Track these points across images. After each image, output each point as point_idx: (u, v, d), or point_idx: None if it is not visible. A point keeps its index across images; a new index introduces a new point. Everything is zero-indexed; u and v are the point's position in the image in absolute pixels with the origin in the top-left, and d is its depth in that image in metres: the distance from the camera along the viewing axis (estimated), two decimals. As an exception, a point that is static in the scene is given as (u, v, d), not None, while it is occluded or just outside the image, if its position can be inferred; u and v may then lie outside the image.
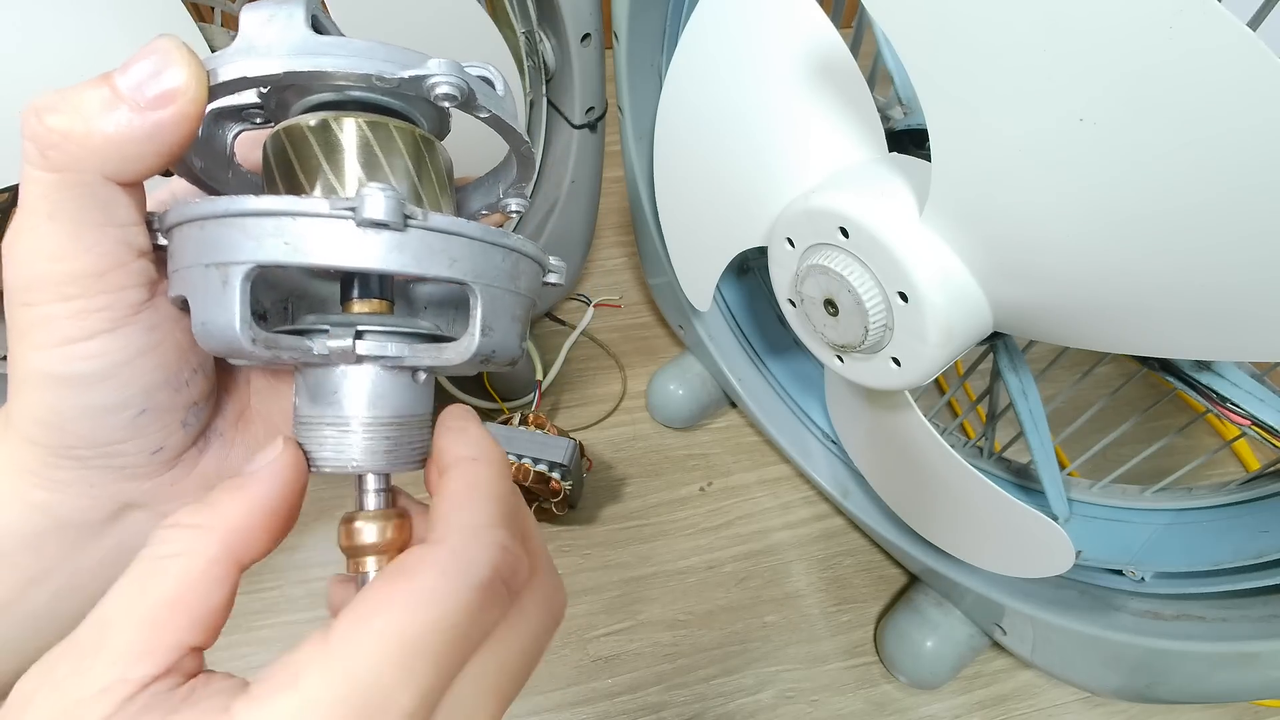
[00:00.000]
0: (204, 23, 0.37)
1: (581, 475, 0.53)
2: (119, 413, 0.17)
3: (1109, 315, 0.26)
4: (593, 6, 0.44)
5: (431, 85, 0.17)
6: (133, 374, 0.17)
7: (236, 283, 0.16)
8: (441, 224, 0.16)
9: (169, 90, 0.15)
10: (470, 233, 0.17)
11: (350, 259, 0.16)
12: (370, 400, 0.18)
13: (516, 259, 0.18)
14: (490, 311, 0.17)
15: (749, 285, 0.59)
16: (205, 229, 0.16)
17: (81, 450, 0.17)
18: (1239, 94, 0.19)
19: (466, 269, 0.17)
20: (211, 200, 0.16)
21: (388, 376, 0.18)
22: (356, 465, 0.18)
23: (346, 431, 0.18)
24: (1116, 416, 0.42)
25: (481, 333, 0.17)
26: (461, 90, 0.17)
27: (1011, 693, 0.52)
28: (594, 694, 0.51)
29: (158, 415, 0.18)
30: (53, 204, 0.15)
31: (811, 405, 0.59)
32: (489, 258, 0.17)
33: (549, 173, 0.54)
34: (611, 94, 0.48)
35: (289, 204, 0.15)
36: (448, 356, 0.18)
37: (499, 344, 0.18)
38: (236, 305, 0.16)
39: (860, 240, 0.30)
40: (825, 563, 0.58)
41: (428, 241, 0.16)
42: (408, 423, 0.18)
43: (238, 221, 0.16)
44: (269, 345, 0.16)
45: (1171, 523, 0.41)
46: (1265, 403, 0.32)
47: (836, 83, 0.32)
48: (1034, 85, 0.22)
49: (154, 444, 0.18)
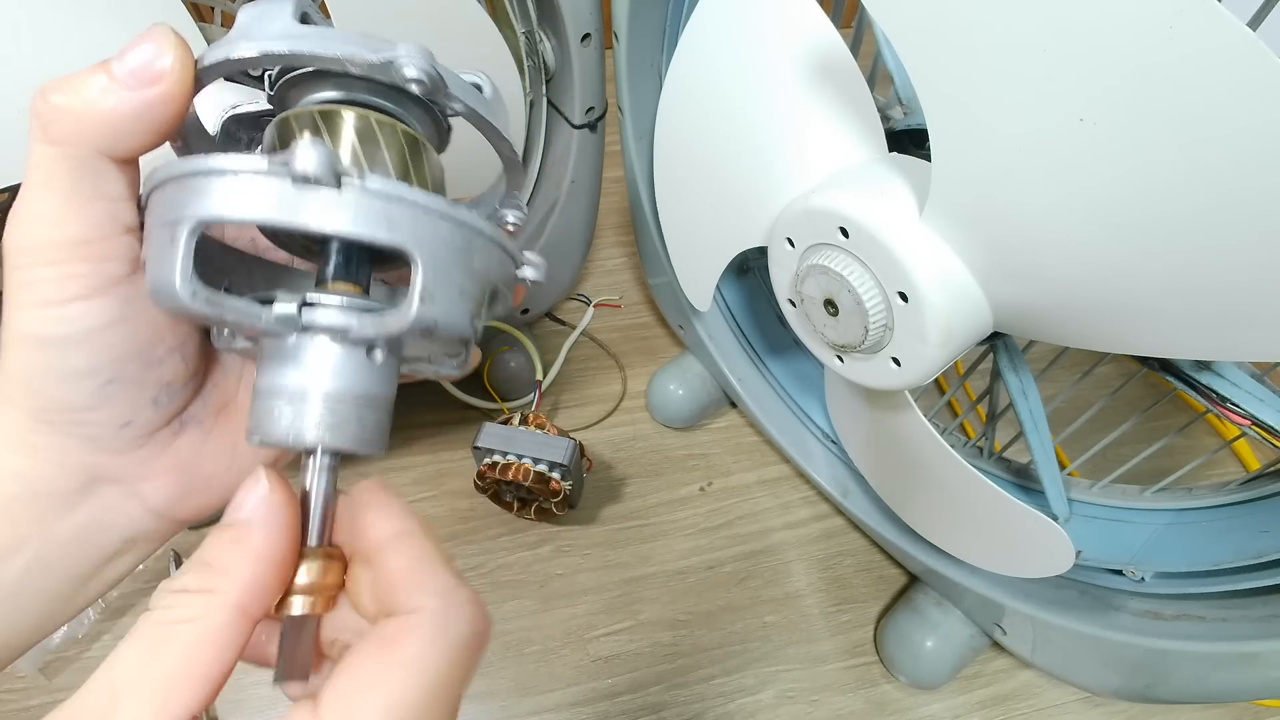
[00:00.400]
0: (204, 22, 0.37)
1: (581, 475, 0.53)
2: (88, 379, 0.18)
3: (1109, 315, 0.26)
4: (593, 6, 0.44)
5: (400, 67, 0.17)
6: (104, 342, 0.18)
7: (182, 238, 0.16)
8: (379, 186, 0.16)
9: (157, 71, 0.17)
10: (412, 198, 0.17)
11: (285, 216, 0.16)
12: (324, 373, 0.17)
13: (469, 235, 0.18)
14: (432, 280, 0.17)
15: (749, 285, 0.59)
16: (165, 191, 0.17)
17: (54, 414, 0.18)
18: (1239, 94, 0.19)
19: (407, 235, 0.16)
20: (170, 162, 0.17)
21: (341, 351, 0.18)
22: (303, 439, 0.17)
23: (298, 404, 0.17)
24: (1116, 416, 0.42)
25: (420, 300, 0.17)
26: (429, 75, 0.17)
27: (1011, 693, 0.52)
28: (594, 694, 0.51)
29: (126, 387, 0.18)
30: (49, 174, 0.17)
31: (811, 405, 0.59)
32: (434, 227, 0.17)
33: (549, 173, 0.54)
34: (611, 94, 0.48)
35: (230, 162, 0.16)
36: (387, 325, 0.17)
37: (441, 316, 0.17)
38: (179, 259, 0.16)
39: (860, 240, 0.30)
40: (825, 563, 0.58)
41: (365, 203, 0.16)
42: (362, 401, 0.18)
43: (188, 181, 0.16)
44: (211, 303, 0.16)
45: (1171, 523, 0.41)
46: (1265, 403, 0.32)
47: (836, 83, 0.32)
48: (1034, 85, 0.22)
49: (122, 417, 0.19)
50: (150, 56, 0.17)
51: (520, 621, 0.54)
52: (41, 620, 0.20)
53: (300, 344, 0.18)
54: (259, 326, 0.17)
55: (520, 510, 0.54)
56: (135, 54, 0.17)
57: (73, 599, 0.20)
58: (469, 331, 0.18)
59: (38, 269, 0.17)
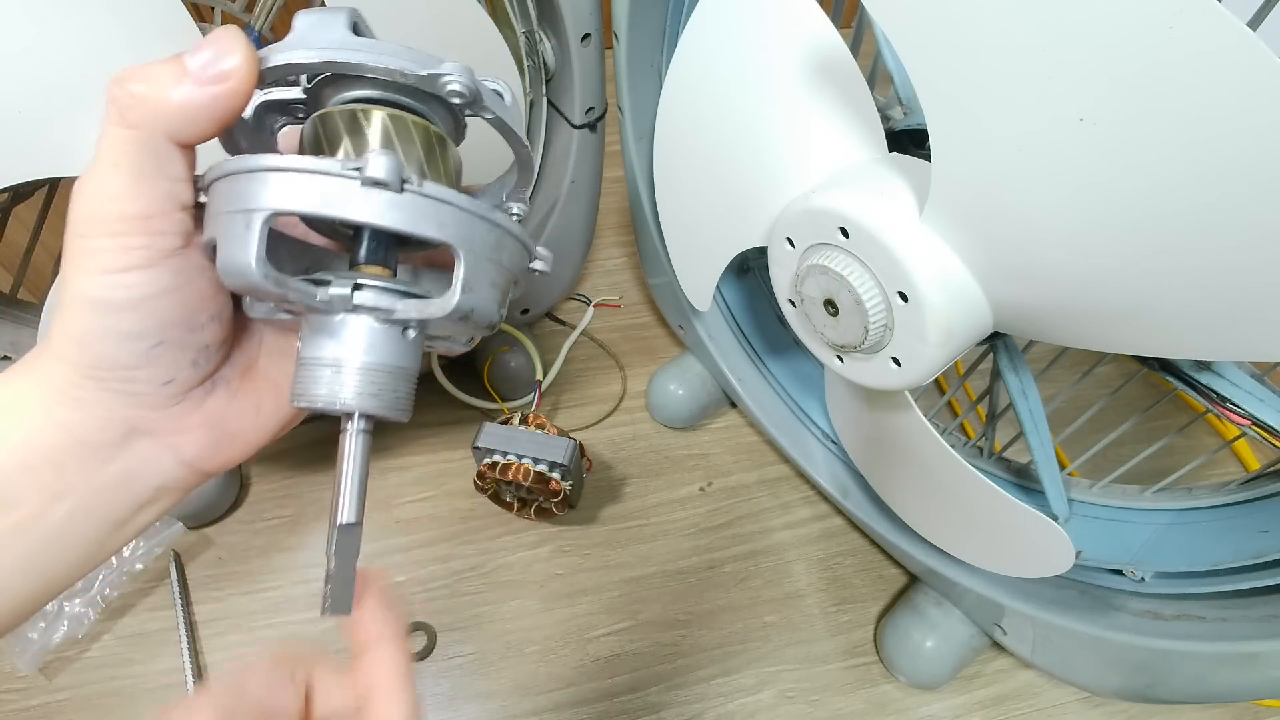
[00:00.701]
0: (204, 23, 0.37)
1: (581, 475, 0.53)
2: (138, 341, 0.20)
3: (1109, 315, 0.26)
4: (593, 6, 0.44)
5: (445, 83, 0.19)
6: (155, 308, 0.20)
7: (257, 226, 0.18)
8: (434, 191, 0.19)
9: (226, 70, 0.19)
10: (459, 203, 0.19)
11: (355, 213, 0.18)
12: (364, 347, 0.20)
13: (501, 234, 0.21)
14: (472, 273, 0.19)
15: (749, 285, 0.59)
16: (236, 182, 0.19)
17: (102, 371, 0.20)
18: (1239, 95, 0.19)
19: (453, 233, 0.19)
20: (244, 158, 0.19)
21: (380, 328, 0.20)
22: (344, 404, 0.20)
23: (340, 372, 0.20)
24: (1116, 416, 0.42)
25: (462, 290, 0.19)
26: (470, 90, 0.20)
27: (1011, 693, 0.52)
28: (594, 694, 0.51)
29: (171, 349, 0.20)
30: (119, 154, 0.19)
31: (811, 405, 0.59)
32: (474, 227, 0.20)
33: (549, 173, 0.54)
34: (611, 94, 0.48)
35: (307, 163, 0.18)
36: (432, 310, 0.20)
37: (477, 304, 0.20)
38: (254, 244, 0.18)
39: (860, 240, 0.30)
40: (825, 563, 0.58)
41: (420, 205, 0.19)
42: (395, 373, 0.20)
43: (262, 176, 0.18)
44: (279, 284, 0.19)
45: (1171, 523, 0.41)
46: (1265, 403, 0.32)
47: (836, 83, 0.32)
48: (1034, 85, 0.22)
49: (165, 375, 0.21)
50: (221, 55, 0.19)
51: (520, 621, 0.54)
52: (76, 564, 0.22)
53: (345, 320, 0.20)
54: (314, 305, 0.20)
55: (520, 510, 0.54)
56: (208, 53, 0.19)
57: (105, 544, 0.22)
58: (497, 317, 0.21)
59: (101, 239, 0.19)
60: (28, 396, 0.20)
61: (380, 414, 0.20)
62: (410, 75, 0.19)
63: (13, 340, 0.49)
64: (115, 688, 0.50)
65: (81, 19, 0.32)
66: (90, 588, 0.52)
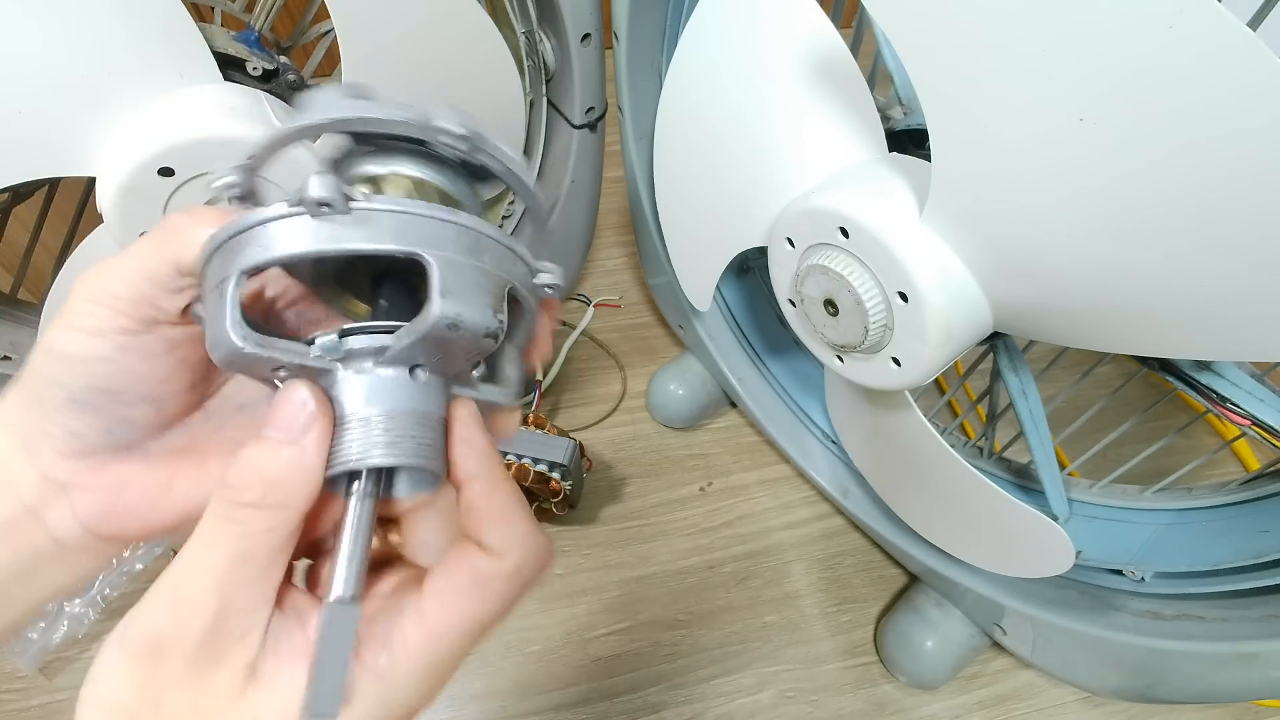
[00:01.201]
0: (204, 23, 0.37)
1: (581, 475, 0.53)
2: (58, 389, 0.20)
3: (1109, 315, 0.26)
4: (593, 6, 0.44)
5: (438, 127, 0.19)
6: (84, 368, 0.20)
7: (229, 291, 0.17)
8: (383, 203, 0.18)
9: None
10: (415, 210, 0.18)
11: (308, 244, 0.17)
12: (365, 398, 0.19)
13: (475, 236, 0.19)
14: (448, 277, 0.18)
15: (749, 285, 0.59)
16: (213, 260, 0.18)
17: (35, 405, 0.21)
18: (1239, 95, 0.19)
19: (415, 239, 0.18)
20: (212, 235, 0.18)
21: (385, 375, 0.19)
22: (342, 463, 0.18)
23: (345, 430, 0.18)
24: (1116, 416, 0.42)
25: (440, 296, 0.17)
26: (471, 131, 0.19)
27: (1011, 693, 0.52)
28: (594, 694, 0.51)
29: (84, 409, 0.21)
30: (144, 260, 0.20)
31: (811, 405, 0.59)
32: (440, 231, 0.18)
33: (549, 173, 0.54)
34: (611, 94, 0.48)
35: (256, 213, 0.17)
36: (416, 327, 0.18)
37: (463, 309, 0.18)
38: (228, 309, 0.17)
39: (860, 240, 0.30)
40: (825, 563, 0.58)
41: (374, 219, 0.17)
42: (407, 417, 0.19)
43: (230, 243, 0.18)
44: (262, 345, 0.18)
45: (1171, 523, 0.41)
46: (1265, 403, 0.32)
47: (836, 83, 0.32)
48: (1034, 86, 0.22)
49: (73, 428, 0.21)
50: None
51: (520, 621, 0.54)
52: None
53: (344, 375, 0.19)
54: (308, 362, 0.18)
55: (520, 510, 0.54)
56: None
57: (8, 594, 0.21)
58: (493, 323, 0.19)
59: (82, 301, 0.20)
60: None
61: (402, 463, 0.18)
62: (411, 125, 0.19)
63: (13, 340, 0.49)
64: (115, 688, 0.50)
65: (82, 19, 0.32)
66: (90, 588, 0.52)
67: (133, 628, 0.18)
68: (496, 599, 0.19)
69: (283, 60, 0.41)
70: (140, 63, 0.34)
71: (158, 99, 0.35)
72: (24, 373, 0.21)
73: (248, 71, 0.39)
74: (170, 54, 0.34)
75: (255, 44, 0.40)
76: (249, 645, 0.18)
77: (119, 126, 0.34)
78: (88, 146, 0.34)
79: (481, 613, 0.19)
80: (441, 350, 0.19)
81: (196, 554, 0.18)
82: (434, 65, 0.39)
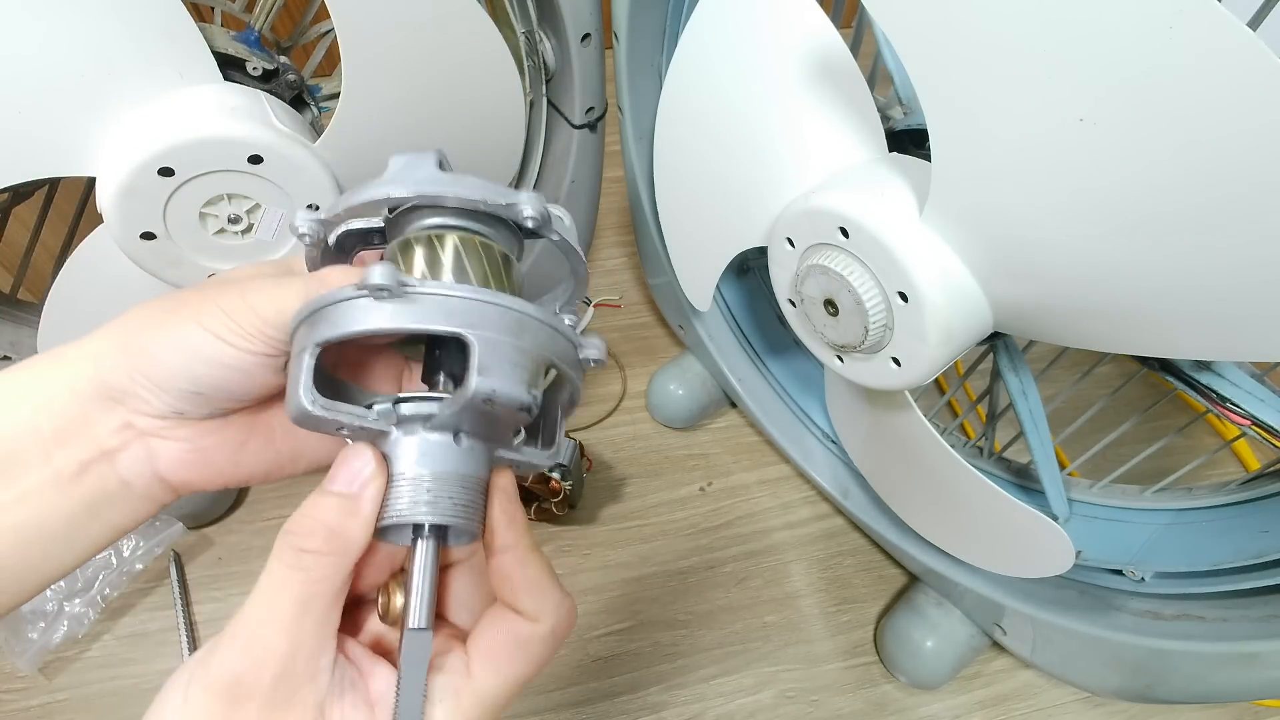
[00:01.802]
0: (204, 23, 0.37)
1: (581, 475, 0.53)
2: (185, 382, 0.22)
3: (1109, 315, 0.26)
4: (593, 6, 0.44)
5: (520, 211, 0.22)
6: (221, 376, 0.22)
7: (305, 360, 0.20)
8: (435, 288, 0.20)
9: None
10: (462, 294, 0.21)
11: (369, 324, 0.20)
12: (416, 458, 0.21)
13: (518, 317, 0.21)
14: (486, 355, 0.20)
15: (749, 285, 0.59)
16: (299, 330, 0.21)
17: (141, 373, 0.22)
18: (1239, 95, 0.19)
19: (460, 321, 0.20)
20: (298, 310, 0.21)
21: (433, 439, 0.21)
22: (403, 516, 0.21)
23: (400, 485, 0.21)
24: (1116, 416, 0.42)
25: (478, 373, 0.20)
26: (542, 214, 0.22)
27: (1011, 693, 0.52)
28: (594, 694, 0.51)
29: (201, 400, 0.23)
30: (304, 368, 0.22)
31: (811, 405, 0.59)
32: (483, 313, 0.21)
33: (549, 173, 0.54)
34: (611, 94, 0.48)
35: (332, 295, 0.20)
36: (457, 399, 0.20)
37: (498, 386, 0.20)
38: (303, 376, 0.20)
39: (860, 240, 0.30)
40: (825, 563, 0.58)
41: (427, 302, 0.20)
42: (449, 479, 0.21)
43: (311, 317, 0.21)
44: (327, 409, 0.20)
45: (1171, 523, 0.41)
46: (1265, 403, 0.32)
47: (836, 83, 0.32)
48: (1034, 86, 0.22)
49: (179, 408, 0.23)
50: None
51: (520, 621, 0.54)
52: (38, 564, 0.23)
53: (399, 438, 0.21)
54: (367, 424, 0.21)
55: (520, 510, 0.54)
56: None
57: (69, 540, 0.23)
58: (527, 399, 0.21)
59: (242, 312, 0.22)
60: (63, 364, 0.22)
61: (443, 521, 0.21)
62: (491, 204, 0.22)
63: (13, 340, 0.49)
64: (115, 688, 0.50)
65: (82, 19, 0.32)
66: (90, 588, 0.52)
67: (214, 667, 0.19)
68: (536, 659, 0.22)
69: (283, 60, 0.41)
70: (140, 63, 0.34)
71: (158, 99, 0.35)
72: (129, 338, 0.22)
73: (248, 71, 0.39)
74: (170, 54, 0.34)
75: (255, 44, 0.40)
76: (318, 687, 0.19)
77: (119, 126, 0.34)
78: (88, 146, 0.34)
79: (524, 672, 0.22)
80: (483, 419, 0.21)
81: (267, 598, 0.19)
82: (434, 65, 0.39)
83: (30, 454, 0.22)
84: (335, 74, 0.40)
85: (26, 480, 0.22)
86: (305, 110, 0.43)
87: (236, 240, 0.38)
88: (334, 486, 0.21)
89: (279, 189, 0.37)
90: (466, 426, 0.21)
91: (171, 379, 0.22)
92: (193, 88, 0.35)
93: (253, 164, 0.35)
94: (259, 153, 0.35)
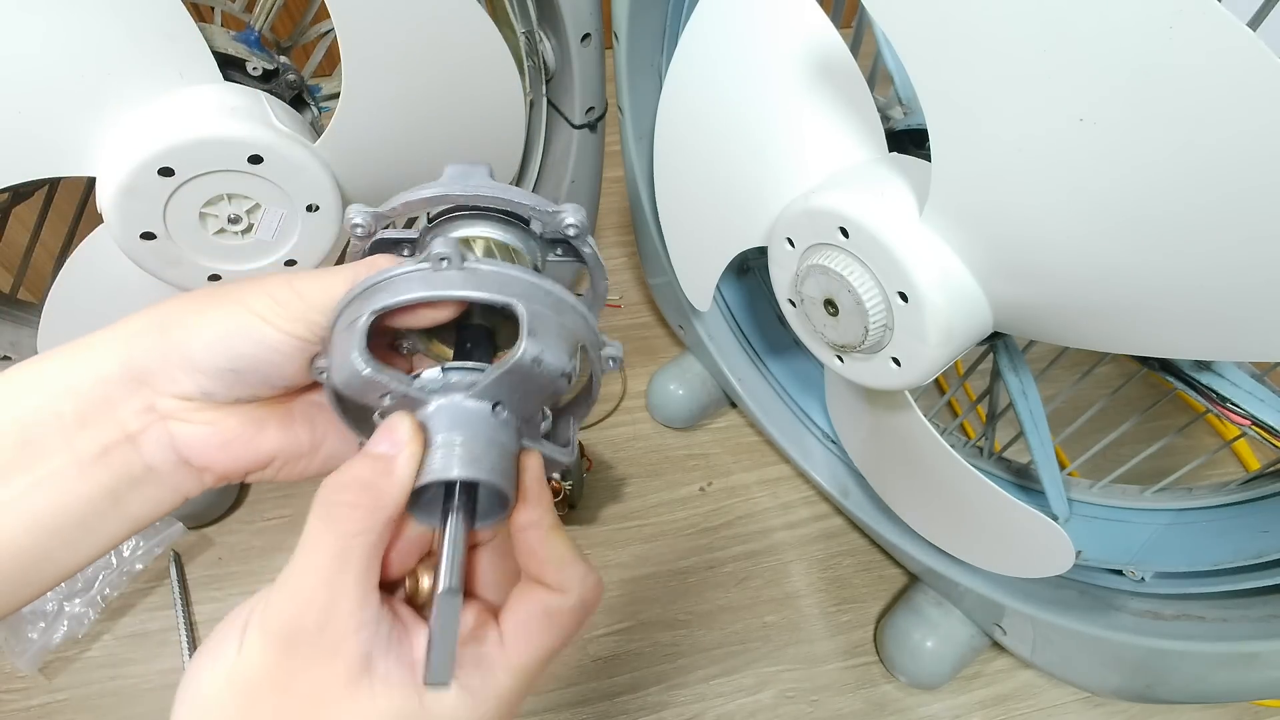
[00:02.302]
0: (204, 23, 0.37)
1: (581, 475, 0.53)
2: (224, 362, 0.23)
3: (1109, 315, 0.26)
4: (593, 6, 0.44)
5: (563, 219, 0.24)
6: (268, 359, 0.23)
7: (360, 324, 0.21)
8: (491, 264, 0.23)
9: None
10: (515, 272, 0.23)
11: (431, 290, 0.22)
12: (457, 423, 0.22)
13: (558, 299, 0.23)
14: (535, 323, 0.22)
15: (749, 285, 0.59)
16: (348, 307, 0.23)
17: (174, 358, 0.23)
18: (1239, 95, 0.19)
19: (514, 292, 0.22)
20: (349, 291, 0.23)
21: (472, 407, 0.22)
22: (441, 474, 0.21)
23: (437, 449, 0.22)
24: (1116, 416, 0.42)
25: (529, 335, 0.21)
26: (582, 225, 0.24)
27: (1011, 693, 0.52)
28: (594, 694, 0.51)
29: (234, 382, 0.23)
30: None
31: (811, 405, 0.59)
32: (533, 289, 0.23)
33: (549, 173, 0.54)
34: (611, 94, 0.48)
35: (389, 270, 0.22)
36: (507, 362, 0.21)
37: (546, 350, 0.22)
38: (356, 339, 0.21)
39: (860, 240, 0.30)
40: (825, 563, 0.58)
41: (482, 275, 0.22)
42: (485, 440, 0.22)
43: (365, 291, 0.22)
44: (379, 371, 0.21)
45: (1171, 523, 0.41)
46: (1265, 403, 0.32)
47: (836, 83, 0.32)
48: (1034, 86, 0.22)
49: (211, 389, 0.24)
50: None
51: (520, 621, 0.54)
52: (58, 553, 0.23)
53: (440, 405, 0.22)
54: (412, 390, 0.22)
55: (520, 510, 0.54)
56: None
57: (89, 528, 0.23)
58: (569, 366, 0.22)
59: (285, 293, 0.23)
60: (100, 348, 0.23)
61: (479, 478, 0.22)
62: (540, 211, 0.24)
63: (13, 340, 0.49)
64: (115, 688, 0.50)
65: (82, 19, 0.32)
66: (90, 588, 0.52)
67: (271, 613, 0.20)
68: (566, 629, 0.23)
69: (283, 60, 0.41)
70: (140, 63, 0.34)
71: (158, 99, 0.35)
72: (168, 318, 0.23)
73: (248, 71, 0.39)
74: (170, 54, 0.34)
75: (255, 44, 0.40)
76: (363, 639, 0.20)
77: (119, 126, 0.34)
78: (88, 146, 0.34)
79: (555, 642, 0.22)
80: (522, 389, 0.22)
81: (306, 550, 0.20)
82: (434, 65, 0.39)
83: (50, 437, 0.22)
84: (335, 74, 0.40)
85: (46, 464, 0.22)
86: (305, 110, 0.43)
87: (236, 240, 0.38)
88: (375, 449, 0.21)
89: (279, 189, 0.37)
90: (504, 398, 0.22)
91: (211, 356, 0.22)
92: (193, 88, 0.35)
93: (253, 164, 0.35)
94: (259, 153, 0.35)
